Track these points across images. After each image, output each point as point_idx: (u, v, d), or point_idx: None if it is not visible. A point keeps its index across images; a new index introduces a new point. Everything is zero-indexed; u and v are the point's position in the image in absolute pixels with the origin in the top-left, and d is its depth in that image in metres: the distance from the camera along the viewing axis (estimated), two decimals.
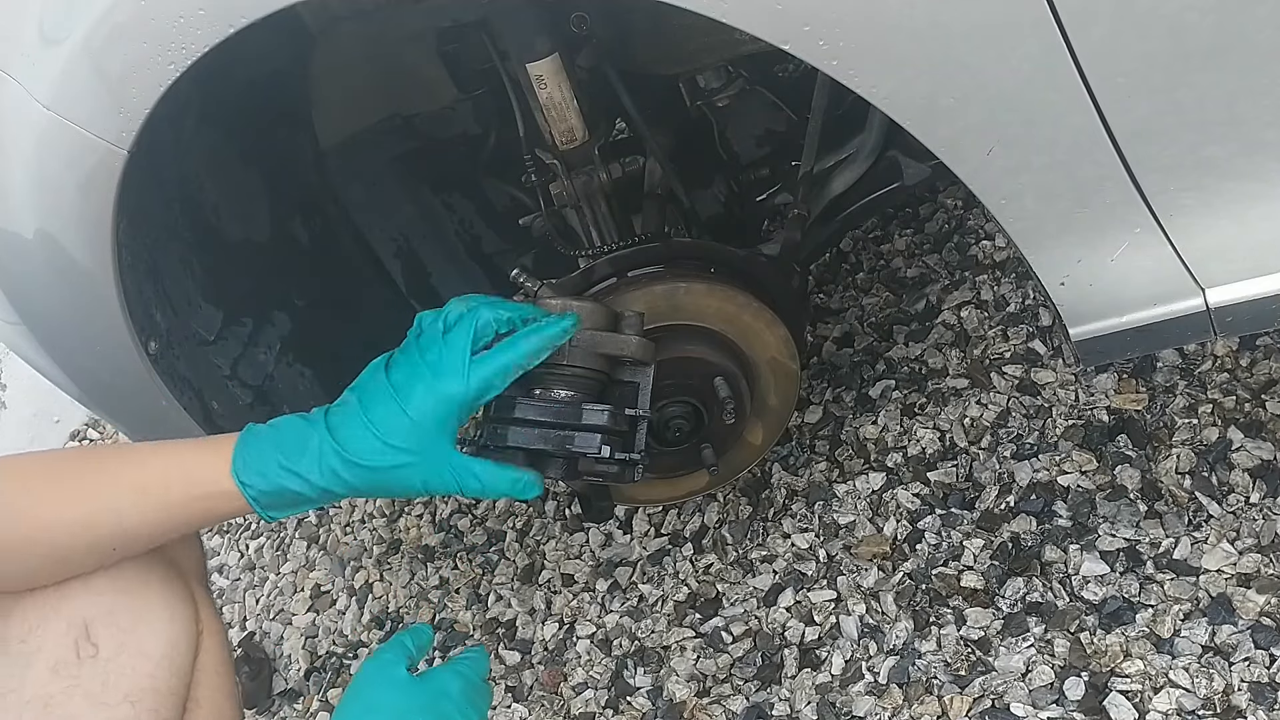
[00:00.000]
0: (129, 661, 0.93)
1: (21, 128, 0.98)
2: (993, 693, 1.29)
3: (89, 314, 1.11)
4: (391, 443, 0.89)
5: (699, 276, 1.28)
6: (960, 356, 1.66)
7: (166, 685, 0.95)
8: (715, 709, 1.45)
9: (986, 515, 1.46)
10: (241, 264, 1.35)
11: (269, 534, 2.25)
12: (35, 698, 0.89)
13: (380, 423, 0.90)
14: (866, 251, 1.94)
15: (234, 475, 0.89)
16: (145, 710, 0.92)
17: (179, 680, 0.96)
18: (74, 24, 0.91)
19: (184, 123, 1.18)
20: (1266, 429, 1.37)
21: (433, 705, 0.94)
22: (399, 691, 0.94)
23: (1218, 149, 0.91)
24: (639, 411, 1.09)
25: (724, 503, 1.68)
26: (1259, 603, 1.23)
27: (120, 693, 0.92)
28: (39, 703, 0.89)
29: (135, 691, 0.92)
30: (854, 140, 1.44)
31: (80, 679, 0.91)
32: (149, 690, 0.93)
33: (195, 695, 0.99)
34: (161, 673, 0.95)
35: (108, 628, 0.93)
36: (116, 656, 0.93)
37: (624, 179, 1.36)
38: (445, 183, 1.60)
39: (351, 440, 0.90)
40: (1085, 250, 1.00)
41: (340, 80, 1.38)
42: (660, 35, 1.27)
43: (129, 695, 0.92)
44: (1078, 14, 0.81)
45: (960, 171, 0.94)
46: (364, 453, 0.89)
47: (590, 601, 1.68)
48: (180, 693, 0.97)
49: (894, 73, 0.87)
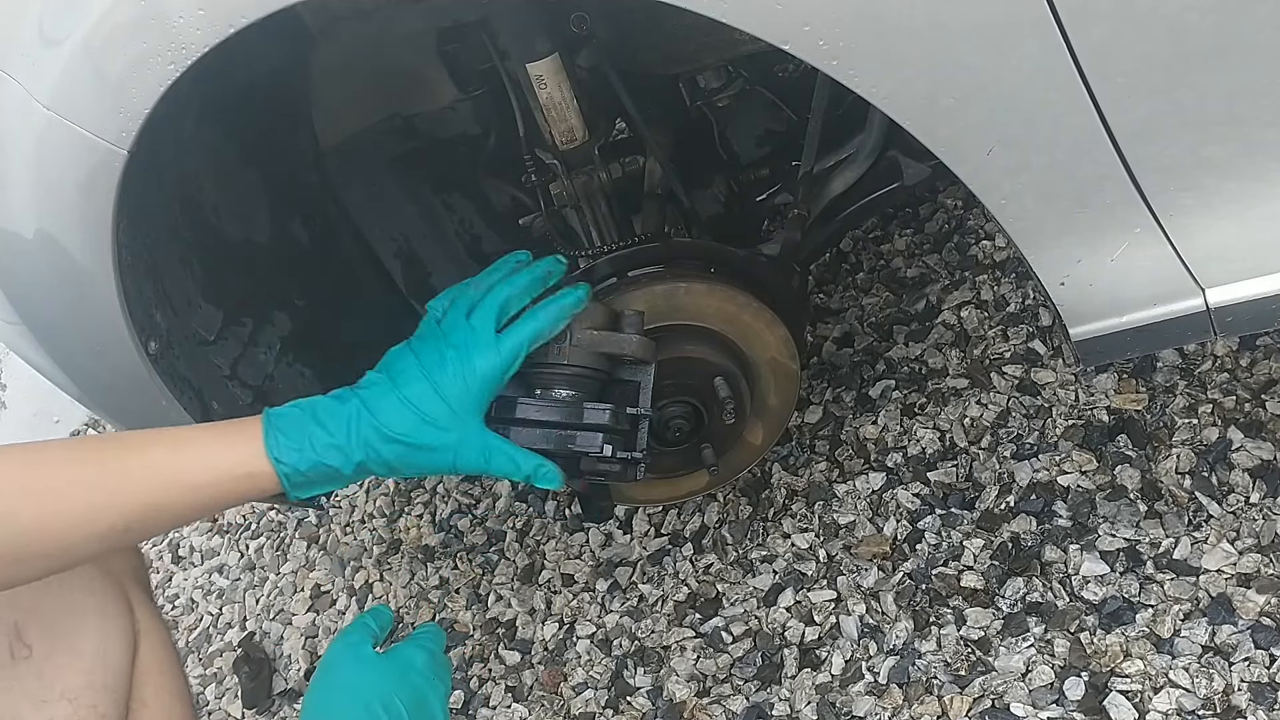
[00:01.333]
0: (63, 660, 0.95)
1: (21, 128, 0.98)
2: (993, 693, 1.29)
3: (89, 314, 1.11)
4: (430, 419, 0.91)
5: (699, 276, 1.28)
6: (960, 356, 1.66)
7: (103, 682, 0.97)
8: (715, 709, 1.45)
9: (986, 515, 1.46)
10: (241, 264, 1.35)
11: (269, 534, 2.25)
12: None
13: (417, 400, 0.91)
14: (866, 251, 1.94)
15: (269, 454, 0.88)
16: (84, 706, 0.94)
17: (116, 678, 0.98)
18: (74, 24, 0.91)
19: (184, 123, 1.18)
20: (1266, 429, 1.37)
21: (401, 678, 0.96)
22: (367, 668, 0.96)
23: (1218, 149, 0.91)
24: (640, 410, 1.09)
25: (724, 503, 1.68)
26: (1259, 603, 1.23)
27: (57, 690, 0.94)
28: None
29: (72, 689, 0.94)
30: (854, 140, 1.44)
31: (17, 678, 0.93)
32: (85, 687, 0.95)
33: (140, 695, 1.01)
34: (97, 670, 0.97)
35: (38, 627, 0.95)
36: (50, 656, 0.95)
37: (624, 179, 1.36)
38: (445, 183, 1.60)
39: (390, 416, 0.91)
40: (1085, 250, 1.00)
41: (340, 80, 1.38)
42: (660, 35, 1.27)
43: (65, 693, 0.94)
44: (1078, 14, 0.81)
45: (960, 171, 0.94)
46: (403, 428, 0.90)
47: (590, 601, 1.68)
48: (119, 690, 0.98)
49: (894, 73, 0.87)
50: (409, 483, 2.13)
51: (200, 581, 2.26)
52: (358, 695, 0.94)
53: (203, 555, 2.33)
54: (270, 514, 2.31)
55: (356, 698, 0.93)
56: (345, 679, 0.96)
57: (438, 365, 0.92)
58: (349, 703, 0.93)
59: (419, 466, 0.93)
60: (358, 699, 0.93)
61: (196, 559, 2.33)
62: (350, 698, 0.94)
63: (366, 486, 2.18)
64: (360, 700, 0.93)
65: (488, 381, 0.93)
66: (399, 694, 0.94)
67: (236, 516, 2.36)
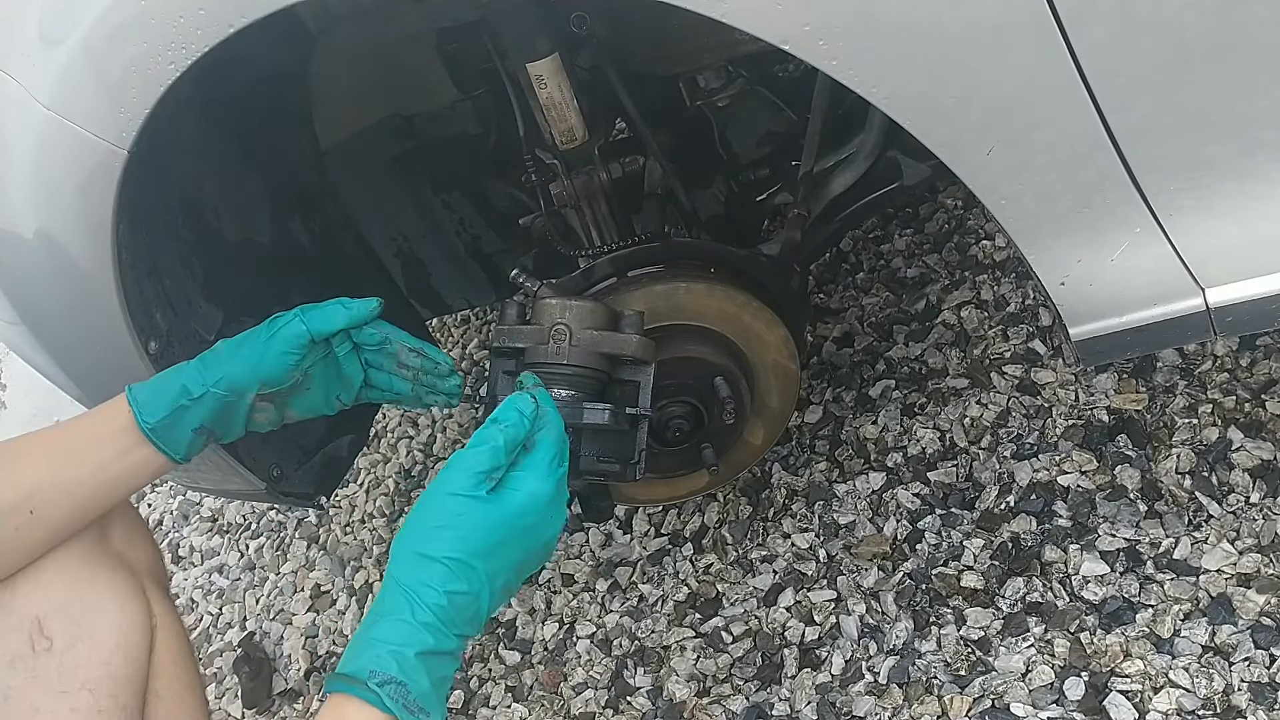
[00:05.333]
0: (84, 651, 0.96)
1: (21, 128, 0.98)
2: (993, 693, 1.29)
3: (89, 314, 1.11)
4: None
5: (699, 276, 1.28)
6: (960, 356, 1.66)
7: (123, 673, 0.98)
8: (715, 709, 1.45)
9: (986, 515, 1.46)
10: (241, 264, 1.34)
11: (269, 534, 2.25)
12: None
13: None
14: (866, 251, 1.94)
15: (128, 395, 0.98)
16: (104, 696, 0.96)
17: (135, 669, 0.99)
18: (74, 24, 0.91)
19: (184, 123, 1.18)
20: (1266, 429, 1.37)
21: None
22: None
23: (1218, 149, 0.91)
24: (640, 410, 1.09)
25: (724, 503, 1.68)
26: (1259, 603, 1.23)
27: (78, 681, 0.95)
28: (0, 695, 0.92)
29: (92, 680, 0.96)
30: (854, 140, 1.44)
31: (38, 671, 0.94)
32: (106, 678, 0.96)
33: (154, 687, 1.02)
34: (117, 660, 0.98)
35: (60, 621, 0.96)
36: (71, 648, 0.96)
37: (624, 179, 1.35)
38: (445, 183, 1.60)
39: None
40: (1085, 250, 1.00)
41: (340, 80, 1.38)
42: (660, 35, 1.26)
43: (86, 683, 0.95)
44: (1078, 14, 0.81)
45: (960, 171, 0.94)
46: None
47: (590, 601, 1.68)
48: (138, 681, 1.00)
49: (894, 73, 0.87)
50: (409, 483, 2.14)
51: (200, 581, 2.26)
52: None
53: (203, 555, 2.33)
54: (270, 514, 2.31)
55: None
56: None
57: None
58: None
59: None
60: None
61: (196, 559, 2.33)
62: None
63: (366, 486, 2.19)
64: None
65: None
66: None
67: (236, 516, 2.36)
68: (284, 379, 1.04)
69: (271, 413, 1.08)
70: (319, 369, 1.09)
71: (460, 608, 0.84)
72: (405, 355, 1.11)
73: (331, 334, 1.06)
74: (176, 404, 0.99)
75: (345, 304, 1.06)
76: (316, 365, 1.08)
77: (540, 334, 1.08)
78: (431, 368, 1.13)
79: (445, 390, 1.14)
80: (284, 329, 1.03)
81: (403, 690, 0.79)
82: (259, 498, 1.40)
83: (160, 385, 1.01)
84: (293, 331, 1.03)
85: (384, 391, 1.14)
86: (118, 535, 1.07)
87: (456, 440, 2.13)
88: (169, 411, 0.99)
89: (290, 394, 1.08)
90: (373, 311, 1.08)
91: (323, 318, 1.05)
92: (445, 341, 2.36)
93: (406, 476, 2.15)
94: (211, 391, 1.00)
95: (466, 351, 2.31)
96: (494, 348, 1.14)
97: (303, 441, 1.42)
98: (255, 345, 1.03)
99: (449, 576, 0.83)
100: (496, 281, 1.69)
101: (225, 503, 2.41)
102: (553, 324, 1.07)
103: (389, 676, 0.79)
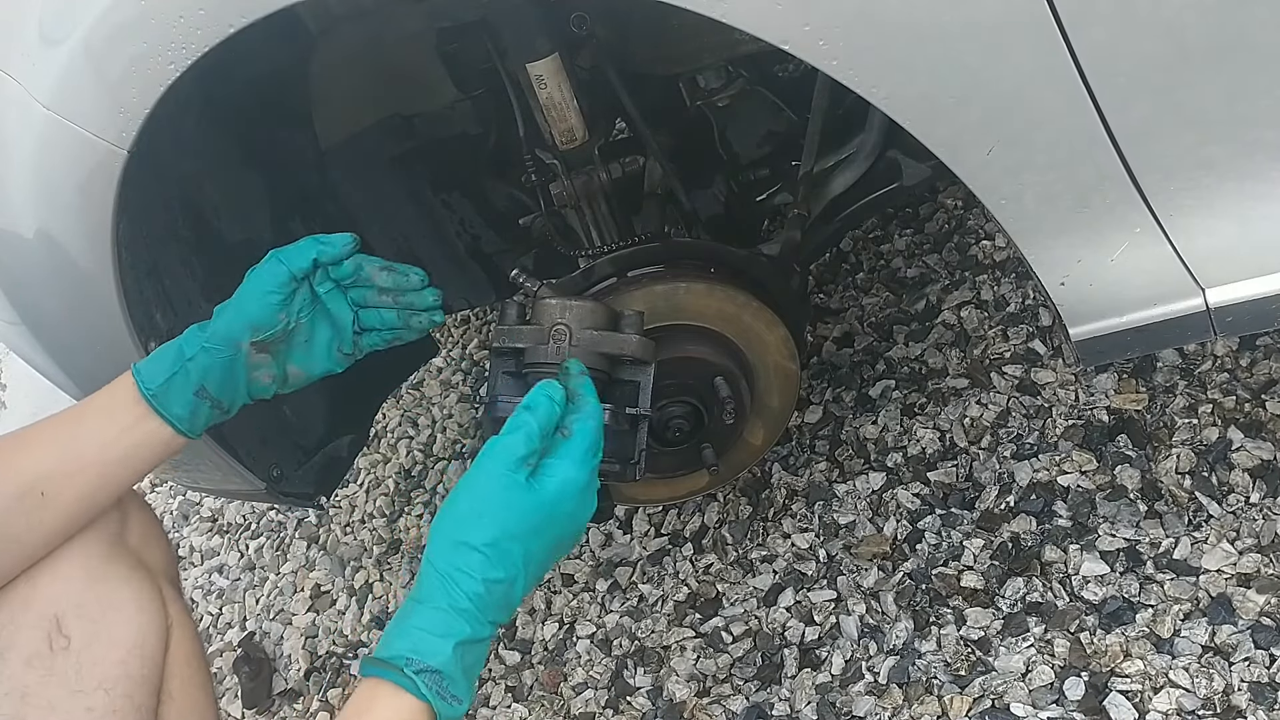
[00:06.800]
0: (101, 651, 0.97)
1: (21, 128, 0.98)
2: (993, 693, 1.29)
3: (89, 314, 1.11)
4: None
5: (699, 276, 1.28)
6: (960, 356, 1.66)
7: (139, 673, 0.98)
8: (715, 709, 1.45)
9: (986, 515, 1.46)
10: (241, 264, 1.34)
11: (269, 534, 2.25)
12: (13, 689, 0.92)
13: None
14: (866, 251, 1.94)
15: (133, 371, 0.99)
16: (119, 696, 0.96)
17: (150, 669, 1.00)
18: (74, 24, 0.91)
19: (184, 123, 1.18)
20: (1266, 429, 1.37)
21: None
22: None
23: (1218, 149, 0.91)
24: (640, 410, 1.09)
25: (724, 503, 1.68)
26: (1259, 603, 1.23)
27: (94, 680, 0.95)
28: (16, 694, 0.92)
29: (109, 679, 0.96)
30: (854, 140, 1.44)
31: (55, 669, 0.94)
32: (122, 677, 0.97)
33: (168, 687, 1.02)
34: (133, 660, 0.98)
35: (78, 619, 0.97)
36: (88, 647, 0.96)
37: (624, 179, 1.35)
38: (445, 183, 1.60)
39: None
40: (1085, 250, 1.00)
41: (340, 80, 1.38)
42: (660, 35, 1.27)
43: (103, 683, 0.95)
44: (1078, 14, 0.81)
45: (960, 171, 0.94)
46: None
47: (590, 601, 1.69)
48: (153, 680, 1.00)
49: (894, 73, 0.87)
50: (409, 482, 2.14)
51: (200, 581, 2.26)
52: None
53: (203, 555, 2.33)
54: (270, 514, 2.31)
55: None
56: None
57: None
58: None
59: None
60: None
61: (196, 559, 2.33)
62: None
63: (366, 486, 2.19)
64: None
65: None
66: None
67: (236, 516, 2.36)
68: (272, 321, 1.03)
69: (272, 366, 1.06)
70: (307, 314, 1.07)
71: (496, 595, 0.85)
72: (378, 276, 1.10)
73: (308, 269, 1.04)
74: (174, 368, 1.00)
75: (318, 238, 1.06)
76: (304, 310, 1.07)
77: (540, 334, 1.08)
78: (404, 282, 1.11)
79: (424, 306, 1.12)
80: (261, 269, 1.04)
81: (438, 679, 0.81)
82: (259, 498, 1.40)
83: (160, 354, 1.02)
84: (269, 269, 1.03)
85: (379, 331, 1.12)
86: (135, 535, 1.07)
87: (456, 440, 2.13)
88: (168, 376, 0.99)
89: (287, 346, 1.07)
90: (347, 247, 1.06)
91: (296, 251, 1.04)
92: (445, 341, 2.36)
93: (406, 476, 2.15)
94: (205, 347, 1.00)
95: (467, 351, 2.31)
96: (494, 348, 1.14)
97: (303, 441, 1.42)
98: (238, 294, 1.04)
99: (487, 564, 0.84)
100: (496, 281, 1.69)
101: (225, 503, 2.41)
102: (553, 324, 1.07)
103: (425, 665, 0.81)
